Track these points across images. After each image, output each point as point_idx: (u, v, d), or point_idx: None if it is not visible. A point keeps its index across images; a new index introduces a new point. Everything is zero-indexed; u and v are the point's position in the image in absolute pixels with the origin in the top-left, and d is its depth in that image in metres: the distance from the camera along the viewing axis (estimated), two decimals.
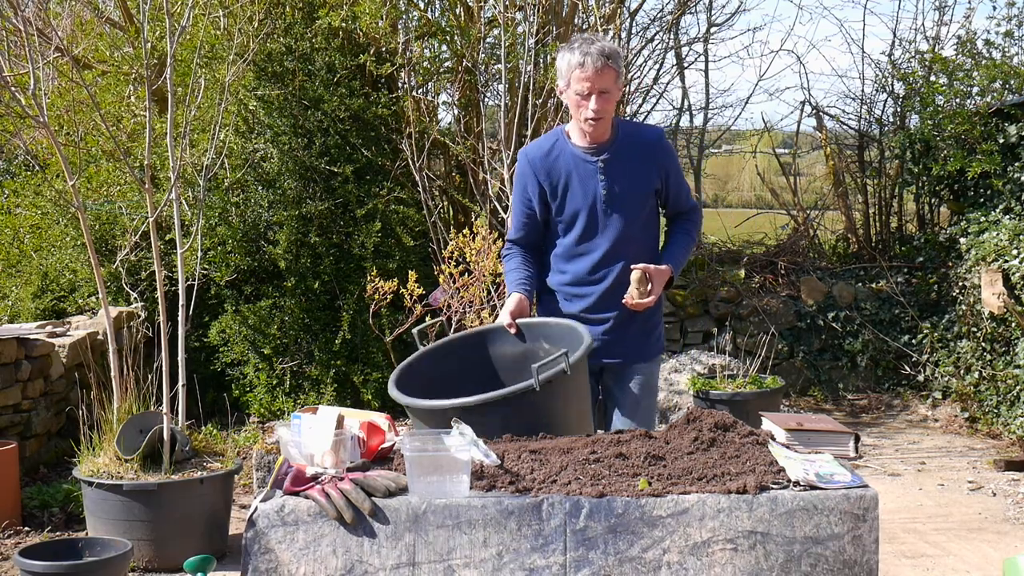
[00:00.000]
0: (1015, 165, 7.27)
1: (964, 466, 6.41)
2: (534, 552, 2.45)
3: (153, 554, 4.57)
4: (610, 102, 3.56)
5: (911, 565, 4.71)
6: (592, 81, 3.50)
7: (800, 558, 2.46)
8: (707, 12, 9.89)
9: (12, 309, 7.32)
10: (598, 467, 2.64)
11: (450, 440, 2.58)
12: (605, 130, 3.64)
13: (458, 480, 2.52)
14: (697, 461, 2.68)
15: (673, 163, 3.79)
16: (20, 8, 5.18)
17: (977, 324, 7.28)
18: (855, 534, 2.48)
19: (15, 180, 8.32)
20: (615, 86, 3.55)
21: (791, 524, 2.47)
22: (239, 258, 7.03)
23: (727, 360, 7.55)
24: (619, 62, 3.54)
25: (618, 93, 3.60)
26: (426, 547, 2.47)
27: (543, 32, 7.44)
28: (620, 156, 3.65)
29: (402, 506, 2.50)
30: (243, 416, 7.09)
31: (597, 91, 3.51)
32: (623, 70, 3.58)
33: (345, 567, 2.47)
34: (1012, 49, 8.07)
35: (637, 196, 3.67)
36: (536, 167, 3.69)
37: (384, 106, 7.21)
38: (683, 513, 2.47)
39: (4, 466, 5.03)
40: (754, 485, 2.52)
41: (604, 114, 3.56)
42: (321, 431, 2.67)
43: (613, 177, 3.65)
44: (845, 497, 2.50)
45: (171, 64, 4.89)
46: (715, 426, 2.85)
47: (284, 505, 2.53)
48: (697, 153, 10.11)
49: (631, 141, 3.68)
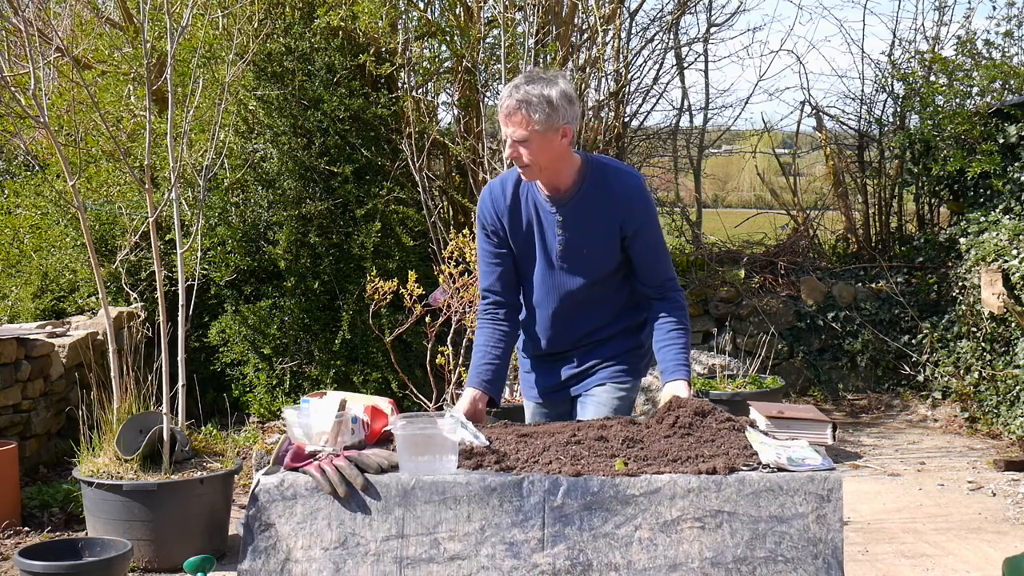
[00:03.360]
0: (1015, 165, 7.27)
1: (964, 466, 6.41)
2: (514, 527, 2.57)
3: (153, 554, 4.57)
4: (531, 149, 3.09)
5: (911, 565, 4.71)
6: (504, 125, 3.11)
7: (765, 535, 2.56)
8: (707, 12, 9.89)
9: (12, 309, 7.33)
10: (579, 448, 2.77)
11: (441, 422, 2.69)
12: (553, 176, 3.20)
13: (446, 459, 2.66)
14: (673, 444, 2.78)
15: (648, 222, 3.26)
16: (20, 8, 5.18)
17: (977, 324, 7.28)
18: (819, 513, 2.57)
19: (15, 180, 8.32)
20: (540, 135, 3.07)
21: (757, 504, 2.57)
22: (239, 258, 7.03)
23: (727, 360, 7.55)
24: (546, 110, 3.06)
25: (547, 139, 3.09)
26: (414, 521, 2.60)
27: (543, 32, 7.44)
28: (585, 203, 3.23)
29: (393, 482, 2.62)
30: (243, 416, 7.09)
31: (511, 137, 3.10)
32: (554, 118, 3.06)
33: (339, 539, 2.60)
34: (1012, 49, 8.08)
35: (599, 248, 3.25)
36: (498, 210, 3.30)
37: (384, 106, 7.21)
38: (655, 492, 2.58)
39: (4, 466, 5.03)
40: (724, 466, 2.62)
41: (527, 162, 3.12)
42: (325, 413, 2.81)
43: (573, 227, 3.24)
44: (810, 479, 2.59)
45: (171, 64, 4.89)
46: (694, 412, 2.93)
47: (284, 480, 2.64)
48: (697, 153, 10.11)
49: (598, 187, 3.23)
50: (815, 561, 2.54)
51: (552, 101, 3.07)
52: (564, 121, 3.10)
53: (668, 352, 3.28)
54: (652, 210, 3.30)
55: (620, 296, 3.37)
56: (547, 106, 3.07)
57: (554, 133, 3.10)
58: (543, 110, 3.07)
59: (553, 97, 3.07)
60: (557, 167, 3.19)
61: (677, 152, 10.21)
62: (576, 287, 3.31)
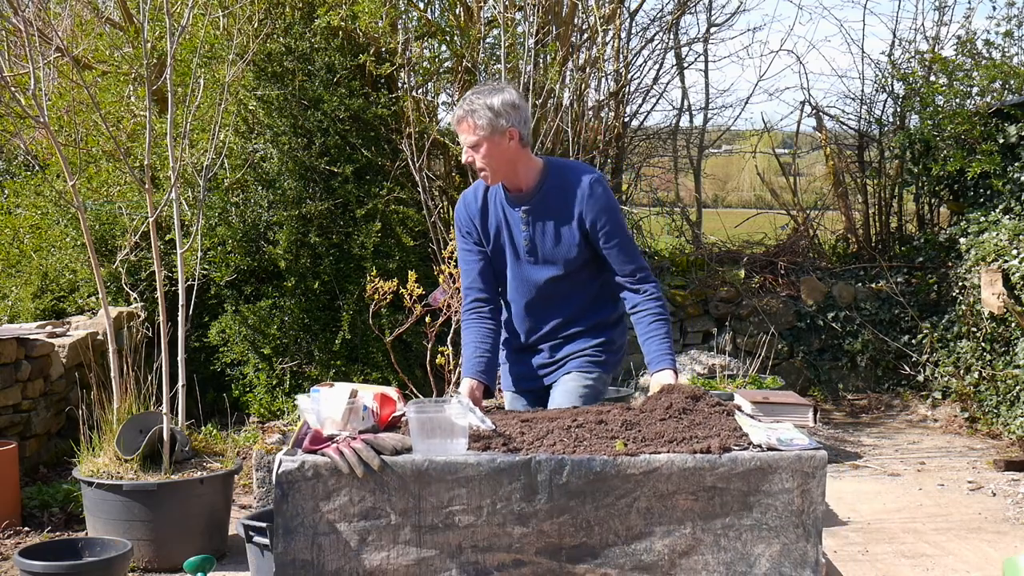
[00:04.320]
0: (1015, 165, 7.27)
1: (964, 466, 6.41)
2: (523, 502, 2.80)
3: (153, 554, 4.57)
4: (484, 153, 3.40)
5: (911, 565, 4.71)
6: (459, 132, 3.45)
7: (752, 507, 2.82)
8: (707, 12, 9.91)
9: (12, 309, 7.33)
10: (580, 431, 2.98)
11: (450, 408, 2.86)
12: (512, 178, 3.48)
13: (457, 442, 2.84)
14: (668, 427, 2.99)
15: (605, 213, 3.47)
16: (20, 8, 5.18)
17: (977, 324, 7.28)
18: (804, 488, 2.82)
19: (15, 180, 8.32)
20: (487, 139, 3.38)
21: (748, 480, 2.81)
22: (239, 258, 7.03)
23: (727, 360, 7.55)
24: (490, 116, 3.37)
25: (496, 142, 3.39)
26: (430, 497, 2.81)
27: (543, 32, 7.44)
28: (548, 200, 3.49)
29: (408, 463, 2.81)
30: (243, 416, 7.08)
31: (465, 144, 3.43)
32: (498, 123, 3.38)
33: (361, 513, 2.81)
34: (1012, 49, 8.08)
35: (563, 243, 3.50)
36: (470, 215, 3.59)
37: (384, 106, 7.21)
38: (654, 471, 2.80)
39: (4, 466, 5.03)
40: (718, 447, 2.83)
41: (483, 165, 3.43)
42: (336, 401, 2.98)
43: (538, 224, 3.50)
44: (798, 458, 2.82)
45: (171, 64, 4.90)
46: (686, 397, 3.16)
47: (304, 462, 2.82)
48: (697, 153, 10.11)
49: (558, 184, 3.49)
50: (796, 530, 2.82)
51: (494, 107, 3.39)
52: (509, 124, 3.40)
53: (652, 343, 3.52)
54: (611, 203, 3.51)
55: (589, 291, 3.60)
56: (490, 112, 3.39)
57: (500, 136, 3.40)
58: (486, 116, 3.39)
59: (495, 104, 3.39)
60: (513, 168, 3.47)
61: (677, 152, 10.21)
62: (544, 280, 3.56)
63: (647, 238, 9.76)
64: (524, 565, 2.81)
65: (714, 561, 2.82)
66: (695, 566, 2.81)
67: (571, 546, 2.81)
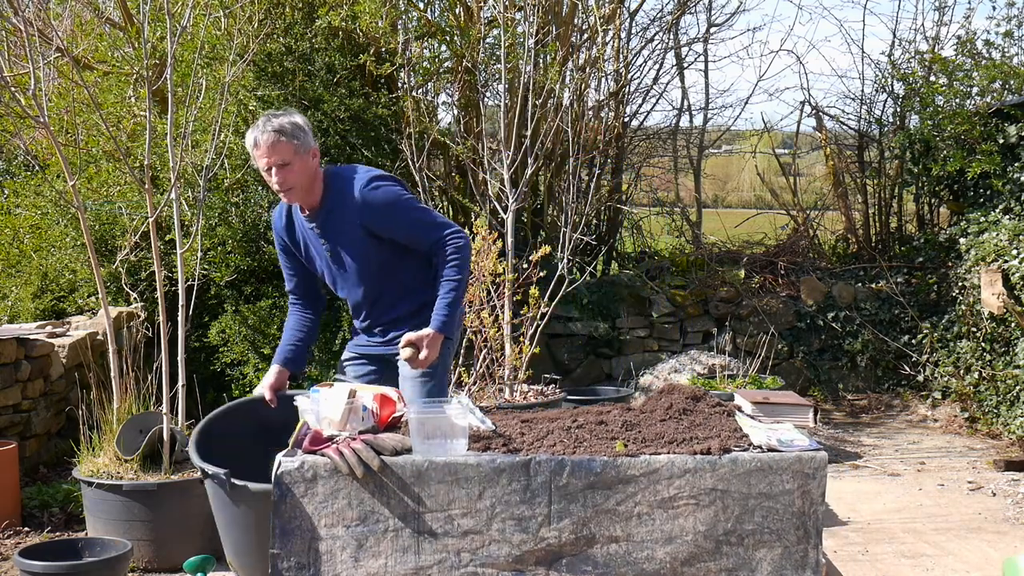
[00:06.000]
0: (1015, 165, 7.27)
1: (964, 466, 6.41)
2: (522, 504, 2.78)
3: (153, 554, 4.57)
4: (294, 172, 3.62)
5: (911, 565, 4.71)
6: (267, 157, 3.60)
7: (754, 511, 2.81)
8: (707, 12, 9.90)
9: (12, 309, 7.32)
10: (580, 432, 2.99)
11: (450, 408, 2.88)
12: (307, 196, 3.70)
13: (457, 442, 2.84)
14: (668, 427, 3.00)
15: (384, 213, 3.67)
16: (20, 8, 5.18)
17: (977, 324, 7.28)
18: (804, 489, 2.81)
19: (15, 180, 8.32)
20: (297, 156, 3.61)
21: (748, 482, 2.80)
22: (239, 258, 7.03)
23: (727, 360, 7.55)
24: (297, 135, 3.61)
25: (304, 160, 3.64)
26: (429, 499, 2.80)
27: (543, 32, 7.44)
28: (332, 216, 3.72)
29: (407, 463, 2.81)
30: None
31: (275, 165, 3.60)
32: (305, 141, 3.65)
33: (360, 517, 2.79)
34: (1012, 49, 8.08)
35: (357, 251, 3.73)
36: (280, 232, 3.89)
37: (384, 106, 7.21)
38: (654, 472, 2.79)
39: (4, 466, 5.04)
40: (718, 448, 2.83)
41: (291, 184, 3.64)
42: (335, 401, 2.99)
43: (331, 238, 3.76)
44: (798, 459, 2.82)
45: (171, 64, 4.90)
46: (686, 398, 3.18)
47: (304, 463, 2.82)
48: (697, 153, 10.11)
49: (338, 200, 3.71)
50: (797, 532, 2.81)
51: (300, 126, 3.64)
52: (312, 144, 3.66)
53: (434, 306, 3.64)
54: (388, 199, 3.68)
55: (404, 279, 3.79)
56: (299, 130, 3.63)
57: (306, 154, 3.65)
58: (298, 134, 3.62)
59: (300, 123, 3.65)
60: (312, 186, 3.70)
61: (677, 152, 10.20)
62: (356, 282, 3.80)
63: (647, 238, 9.77)
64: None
65: (716, 568, 2.81)
66: (697, 574, 2.81)
67: (571, 555, 2.80)
